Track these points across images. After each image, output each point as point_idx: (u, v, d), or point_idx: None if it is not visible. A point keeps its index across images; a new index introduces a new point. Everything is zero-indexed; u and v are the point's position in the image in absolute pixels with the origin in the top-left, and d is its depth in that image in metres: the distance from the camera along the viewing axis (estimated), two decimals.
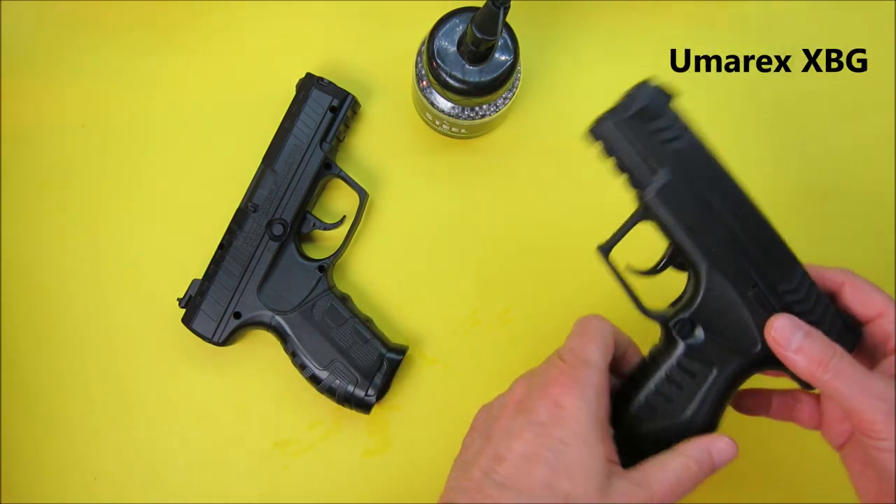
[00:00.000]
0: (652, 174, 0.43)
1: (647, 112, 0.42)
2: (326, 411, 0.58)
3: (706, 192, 0.43)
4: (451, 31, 0.52)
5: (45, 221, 0.60)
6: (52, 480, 0.58)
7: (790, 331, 0.41)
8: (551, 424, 0.40)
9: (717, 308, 0.43)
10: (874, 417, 0.39)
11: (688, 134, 0.43)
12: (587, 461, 0.39)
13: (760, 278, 0.43)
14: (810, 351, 0.41)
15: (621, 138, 0.43)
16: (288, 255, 0.57)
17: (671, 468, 0.41)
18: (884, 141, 0.62)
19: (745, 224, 0.43)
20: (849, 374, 0.40)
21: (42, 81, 0.61)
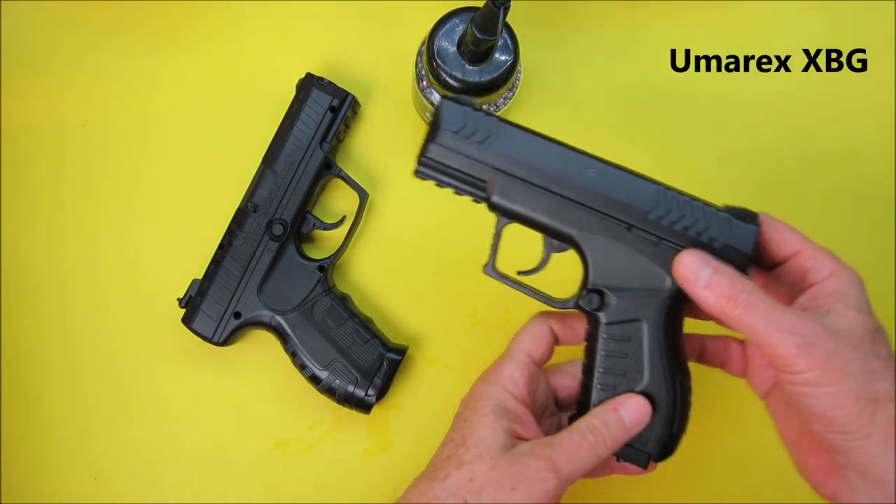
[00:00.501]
0: (485, 181, 0.44)
1: (450, 128, 0.44)
2: (326, 411, 0.58)
3: (537, 169, 0.44)
4: (451, 31, 0.52)
5: (45, 221, 0.60)
6: (52, 480, 0.58)
7: (698, 266, 0.41)
8: (462, 411, 0.45)
9: (610, 265, 0.44)
10: (787, 352, 0.39)
11: (499, 127, 0.44)
12: (482, 430, 0.43)
13: (630, 218, 0.43)
14: (719, 286, 0.40)
15: (443, 166, 0.44)
16: (288, 255, 0.57)
17: (576, 428, 0.42)
18: (884, 141, 0.62)
19: (587, 178, 0.43)
20: (760, 308, 0.39)
21: (42, 81, 0.62)
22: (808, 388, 0.39)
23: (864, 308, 0.41)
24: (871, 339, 0.40)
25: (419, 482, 0.44)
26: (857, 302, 0.41)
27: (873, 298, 0.49)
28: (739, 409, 0.58)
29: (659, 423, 0.43)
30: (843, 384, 0.39)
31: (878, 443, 0.39)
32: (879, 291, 0.60)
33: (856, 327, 0.40)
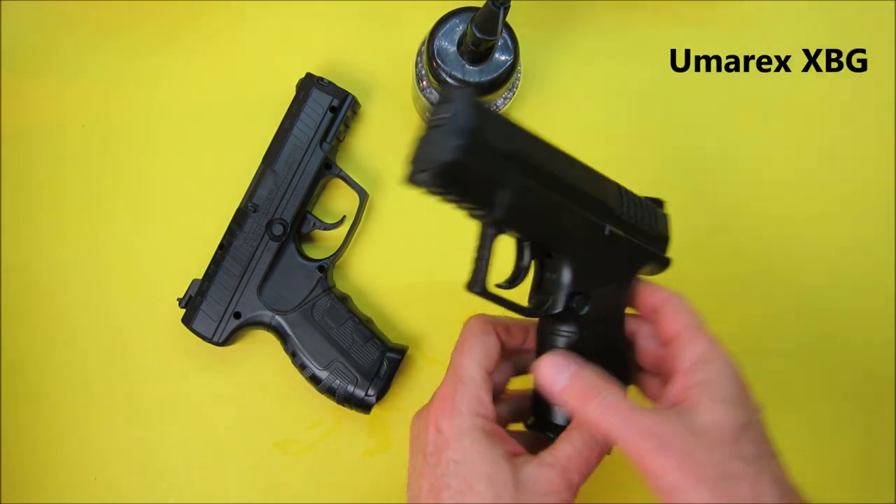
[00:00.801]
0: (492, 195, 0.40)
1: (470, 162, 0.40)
2: (326, 411, 0.58)
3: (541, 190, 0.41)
4: (451, 31, 0.52)
5: (46, 221, 0.60)
6: (52, 480, 0.58)
7: (554, 372, 0.41)
8: (439, 451, 0.41)
9: (593, 265, 0.43)
10: (644, 454, 0.37)
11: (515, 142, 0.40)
12: (483, 468, 0.40)
13: (604, 217, 0.43)
14: (576, 388, 0.40)
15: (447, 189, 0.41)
16: (288, 255, 0.57)
17: (576, 436, 0.41)
18: (884, 141, 0.62)
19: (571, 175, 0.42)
20: (617, 409, 0.38)
21: (42, 81, 0.62)
22: (668, 493, 0.38)
23: (734, 399, 0.39)
24: (735, 438, 0.38)
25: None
26: (725, 393, 0.39)
27: (873, 300, 0.50)
28: None
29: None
30: (696, 490, 0.37)
31: None
32: (879, 292, 0.61)
33: (719, 425, 0.38)
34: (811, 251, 0.61)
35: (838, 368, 0.59)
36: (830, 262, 0.61)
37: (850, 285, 0.60)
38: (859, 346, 0.60)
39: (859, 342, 0.60)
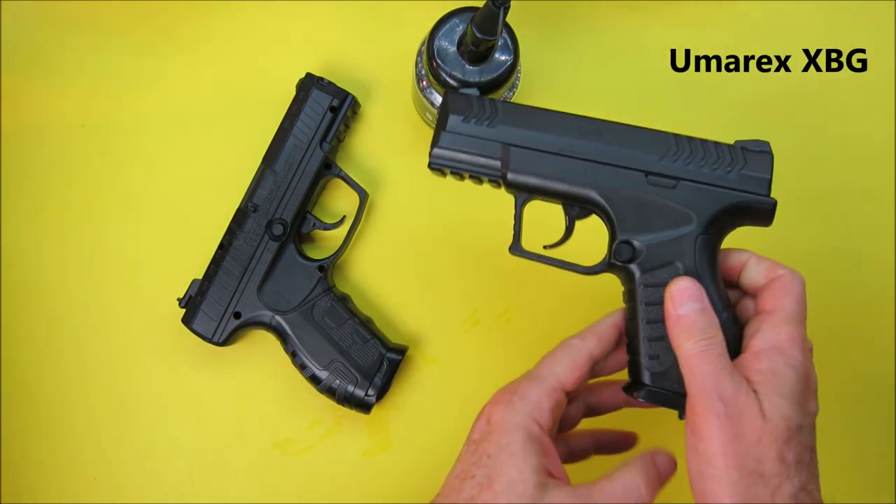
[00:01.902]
0: (497, 158, 0.46)
1: (457, 113, 0.46)
2: (326, 411, 0.58)
3: (549, 138, 0.45)
4: (451, 31, 0.52)
5: (46, 221, 0.60)
6: (52, 480, 0.58)
7: (686, 297, 0.41)
8: (480, 440, 0.41)
9: (634, 214, 0.44)
10: (704, 413, 0.38)
11: (502, 105, 0.46)
12: (510, 472, 0.39)
13: (644, 165, 0.44)
14: (691, 324, 0.40)
15: (456, 152, 0.46)
16: (288, 255, 0.57)
17: (619, 479, 0.40)
18: (884, 141, 0.62)
19: (598, 137, 0.45)
20: (711, 361, 0.39)
21: (42, 81, 0.61)
22: (698, 458, 0.38)
23: (796, 399, 0.39)
24: (786, 438, 0.38)
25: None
26: (790, 390, 0.39)
27: (873, 300, 0.50)
28: None
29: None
30: (726, 473, 0.37)
31: None
32: (879, 292, 0.60)
33: (775, 420, 0.38)
34: (810, 251, 0.61)
35: (838, 368, 0.59)
36: (830, 262, 0.61)
37: (849, 285, 0.60)
38: (859, 346, 0.60)
39: (859, 342, 0.60)
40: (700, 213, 0.44)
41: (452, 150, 0.46)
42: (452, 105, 0.46)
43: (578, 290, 0.59)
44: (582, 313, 0.52)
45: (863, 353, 0.60)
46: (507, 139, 0.45)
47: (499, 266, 0.60)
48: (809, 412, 0.39)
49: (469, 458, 0.41)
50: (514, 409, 0.41)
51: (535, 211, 0.47)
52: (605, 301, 0.48)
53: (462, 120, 0.46)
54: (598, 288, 0.51)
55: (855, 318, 0.60)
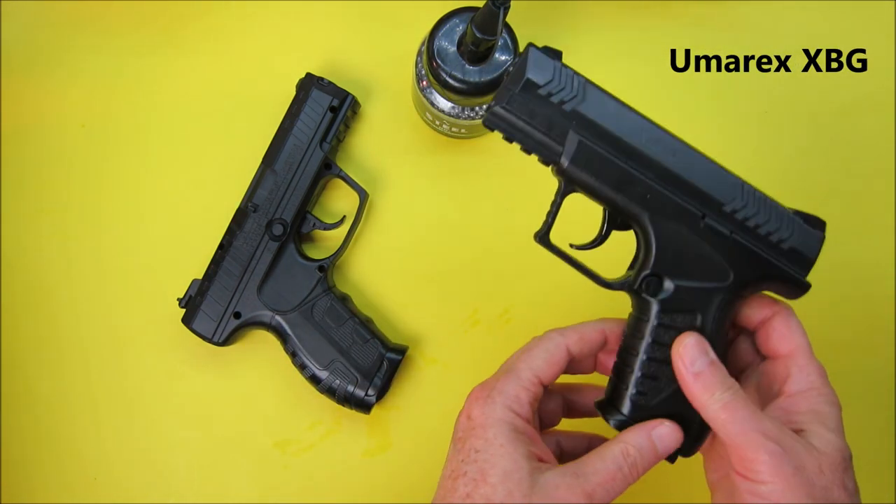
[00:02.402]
0: (559, 143, 0.41)
1: (534, 80, 0.40)
2: (326, 411, 0.58)
3: (621, 141, 0.41)
4: (451, 31, 0.52)
5: (46, 221, 0.60)
6: (52, 480, 0.58)
7: (697, 352, 0.40)
8: (465, 437, 0.41)
9: (675, 252, 0.42)
10: (756, 456, 0.37)
11: (584, 88, 0.41)
12: (502, 462, 0.39)
13: (706, 207, 0.41)
14: (708, 378, 0.40)
15: (516, 119, 0.41)
16: (288, 255, 0.57)
17: (610, 456, 0.40)
18: (884, 141, 0.62)
19: (669, 159, 0.41)
20: (739, 407, 0.39)
21: (42, 81, 0.61)
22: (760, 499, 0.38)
23: (840, 431, 0.40)
24: (844, 468, 0.38)
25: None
26: (834, 424, 0.40)
27: (873, 300, 0.50)
28: None
29: (696, 419, 0.42)
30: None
31: None
32: (879, 292, 0.60)
33: (831, 452, 0.38)
34: None
35: (838, 368, 0.59)
36: (829, 262, 0.61)
37: (849, 285, 0.60)
38: (859, 346, 0.60)
39: (859, 342, 0.60)
40: (739, 272, 0.42)
41: (515, 115, 0.41)
42: (533, 66, 0.40)
43: (579, 291, 0.59)
44: (582, 314, 0.52)
45: (863, 354, 0.60)
46: (579, 128, 0.41)
47: (499, 266, 0.60)
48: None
49: (457, 457, 0.41)
50: (493, 404, 0.41)
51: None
52: (605, 304, 0.48)
53: (537, 87, 0.40)
54: (601, 291, 0.51)
55: (855, 318, 0.60)
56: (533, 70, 0.40)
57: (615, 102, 0.41)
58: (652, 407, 0.42)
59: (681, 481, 0.58)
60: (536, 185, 0.61)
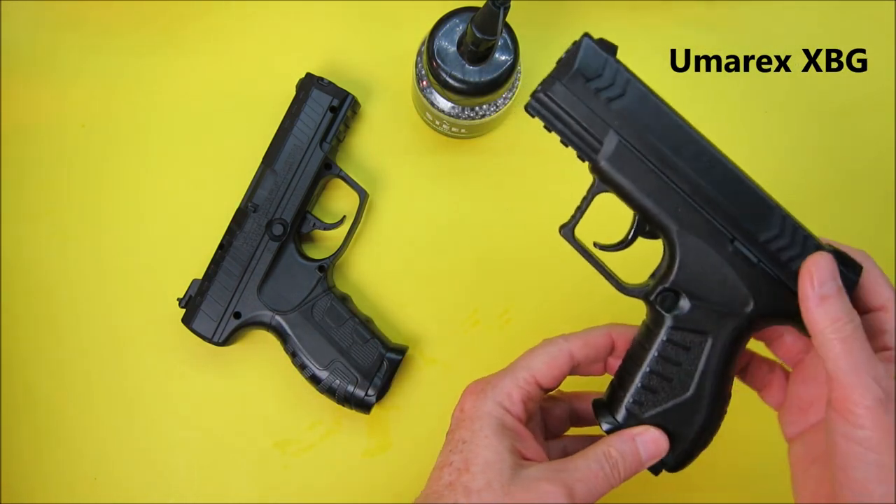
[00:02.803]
0: (599, 141, 0.40)
1: (583, 72, 0.39)
2: (326, 411, 0.58)
3: (661, 150, 0.40)
4: (451, 31, 0.52)
5: (45, 221, 0.60)
6: (52, 480, 0.58)
7: (828, 274, 0.38)
8: (455, 429, 0.42)
9: (698, 271, 0.40)
10: (861, 400, 0.36)
11: (633, 88, 0.40)
12: (485, 453, 0.40)
13: (737, 231, 0.40)
14: (835, 305, 0.38)
15: (559, 108, 0.40)
16: (288, 255, 0.57)
17: (593, 455, 0.40)
18: (884, 141, 0.62)
19: (708, 176, 0.40)
20: (857, 345, 0.37)
21: (42, 81, 0.61)
22: (860, 449, 0.36)
23: None
24: None
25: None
26: None
27: None
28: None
29: (686, 439, 0.42)
30: (889, 453, 0.36)
31: None
32: None
33: None
34: None
35: None
36: None
37: None
38: None
39: None
40: (761, 303, 0.40)
41: (558, 105, 0.39)
42: (585, 58, 0.39)
43: (579, 292, 0.60)
44: (582, 314, 0.52)
45: None
46: (620, 128, 0.39)
47: (499, 266, 0.60)
48: None
49: (446, 448, 0.42)
50: (484, 398, 0.42)
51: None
52: (607, 305, 0.48)
53: (586, 81, 0.39)
54: (602, 292, 0.51)
55: None
56: (583, 61, 0.39)
57: (664, 108, 0.40)
58: (645, 418, 0.42)
59: (681, 481, 0.59)
60: (536, 185, 0.61)
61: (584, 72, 0.39)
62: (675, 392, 0.41)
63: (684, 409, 0.41)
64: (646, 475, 0.45)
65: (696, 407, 0.41)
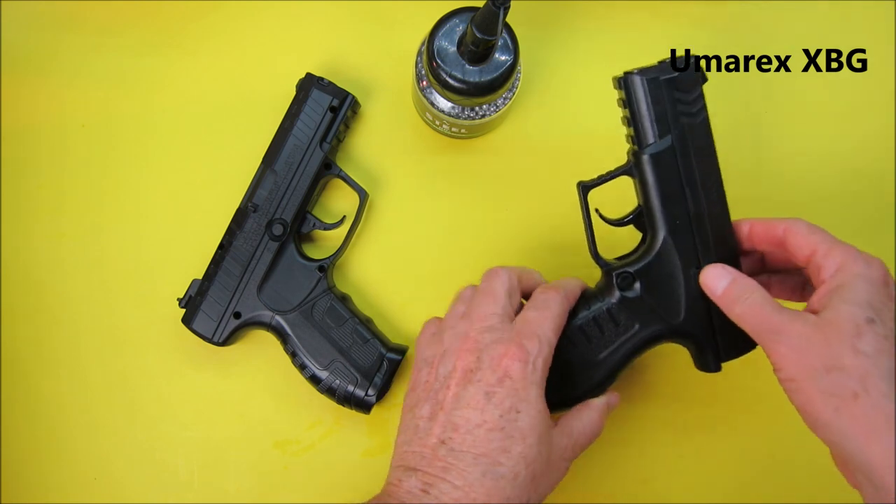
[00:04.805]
0: (656, 136, 0.47)
1: (679, 82, 0.47)
2: (326, 411, 0.58)
3: (693, 171, 0.47)
4: (451, 31, 0.52)
5: (45, 221, 0.60)
6: (53, 480, 0.58)
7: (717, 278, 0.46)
8: (502, 394, 0.43)
9: (660, 274, 0.48)
10: (769, 349, 0.43)
11: (702, 117, 0.48)
12: (537, 425, 0.44)
13: (705, 262, 0.47)
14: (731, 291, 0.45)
15: (645, 94, 0.47)
16: (288, 255, 0.57)
17: (586, 417, 0.47)
18: (884, 141, 0.62)
19: (711, 210, 0.48)
20: (756, 310, 0.43)
21: (42, 81, 0.61)
22: (787, 385, 0.42)
23: (863, 300, 0.41)
24: (855, 333, 0.40)
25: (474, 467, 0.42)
26: (855, 295, 0.41)
27: None
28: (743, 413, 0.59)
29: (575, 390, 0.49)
30: (808, 382, 0.41)
31: (854, 440, 0.39)
32: None
33: (840, 321, 0.41)
34: None
35: None
36: None
37: None
38: None
39: None
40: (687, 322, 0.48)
41: (643, 91, 0.47)
42: (686, 77, 0.47)
43: None
44: None
45: None
46: (676, 137, 0.47)
47: (498, 266, 0.60)
48: (885, 308, 0.41)
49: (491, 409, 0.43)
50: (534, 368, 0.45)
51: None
52: None
53: (675, 89, 0.47)
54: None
55: None
56: (683, 81, 0.47)
57: (712, 144, 0.48)
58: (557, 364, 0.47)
59: (682, 482, 0.58)
60: (537, 185, 0.61)
61: (680, 82, 0.47)
62: (587, 351, 0.49)
63: (586, 367, 0.49)
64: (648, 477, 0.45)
65: (595, 370, 0.49)
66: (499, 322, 0.46)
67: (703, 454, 0.58)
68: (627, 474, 0.58)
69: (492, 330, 0.46)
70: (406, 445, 0.45)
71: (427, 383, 0.46)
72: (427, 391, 0.46)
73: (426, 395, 0.46)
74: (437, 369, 0.46)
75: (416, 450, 0.44)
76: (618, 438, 0.58)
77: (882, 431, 0.39)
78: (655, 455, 0.58)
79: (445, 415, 0.44)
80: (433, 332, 0.49)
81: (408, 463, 0.44)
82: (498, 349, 0.44)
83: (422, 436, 0.44)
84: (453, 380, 0.45)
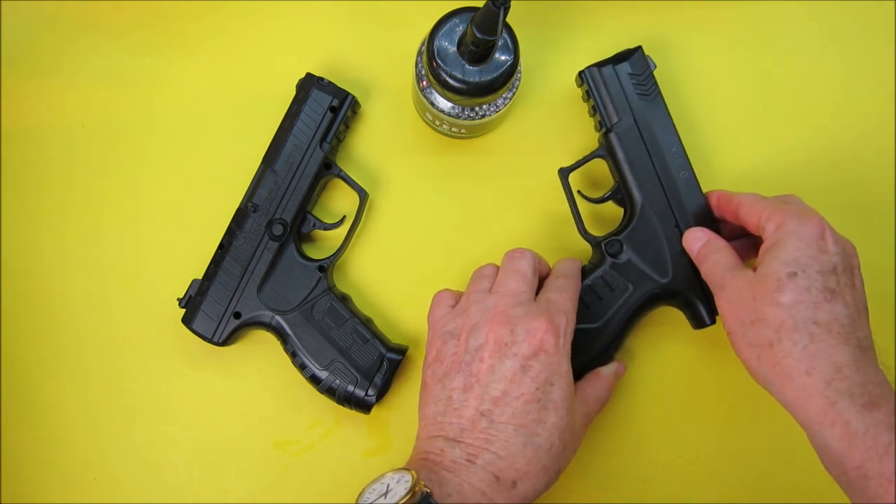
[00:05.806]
0: (619, 118, 0.55)
1: (630, 67, 0.55)
2: (326, 411, 0.58)
3: (657, 143, 0.54)
4: (451, 31, 0.52)
5: (46, 221, 0.60)
6: (52, 480, 0.58)
7: (694, 239, 0.52)
8: (538, 367, 0.46)
9: (644, 236, 0.54)
10: (718, 304, 0.49)
11: (656, 95, 0.55)
12: (568, 396, 0.46)
13: (681, 220, 0.54)
14: (700, 252, 0.51)
15: (602, 84, 0.55)
16: (288, 255, 0.57)
17: (599, 384, 0.52)
18: (884, 141, 0.62)
19: (679, 175, 0.54)
20: (715, 268, 0.49)
21: (42, 81, 0.62)
22: (729, 338, 0.47)
23: (786, 257, 0.45)
24: (776, 287, 0.45)
25: (516, 438, 0.44)
26: (781, 252, 0.45)
27: (872, 298, 0.50)
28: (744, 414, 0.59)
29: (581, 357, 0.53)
30: (738, 333, 0.46)
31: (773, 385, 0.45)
32: (879, 292, 0.61)
33: (764, 275, 0.45)
34: None
35: None
36: None
37: None
38: None
39: None
40: (676, 279, 0.53)
41: (600, 78, 0.55)
42: (635, 61, 0.55)
43: None
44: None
45: None
46: (636, 114, 0.54)
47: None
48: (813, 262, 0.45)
49: (528, 382, 0.46)
50: (565, 343, 0.47)
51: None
52: None
53: (629, 75, 0.55)
54: None
55: None
56: (635, 64, 0.55)
57: (669, 117, 0.55)
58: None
59: (682, 482, 0.58)
60: (536, 185, 0.61)
61: (633, 69, 0.55)
62: (587, 318, 0.53)
63: (589, 334, 0.53)
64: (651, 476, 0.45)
65: (599, 336, 0.53)
66: (528, 298, 0.48)
67: (703, 454, 0.58)
68: (627, 474, 0.58)
69: (523, 304, 0.47)
70: (441, 416, 0.46)
71: (455, 355, 0.47)
72: (457, 363, 0.47)
73: (457, 367, 0.47)
74: (466, 342, 0.47)
75: (454, 421, 0.45)
76: (618, 438, 0.58)
77: (793, 375, 0.43)
78: (655, 455, 0.58)
79: (482, 387, 0.45)
80: (451, 306, 0.51)
81: (446, 434, 0.45)
82: (532, 323, 0.46)
83: (457, 407, 0.46)
84: (486, 352, 0.46)
